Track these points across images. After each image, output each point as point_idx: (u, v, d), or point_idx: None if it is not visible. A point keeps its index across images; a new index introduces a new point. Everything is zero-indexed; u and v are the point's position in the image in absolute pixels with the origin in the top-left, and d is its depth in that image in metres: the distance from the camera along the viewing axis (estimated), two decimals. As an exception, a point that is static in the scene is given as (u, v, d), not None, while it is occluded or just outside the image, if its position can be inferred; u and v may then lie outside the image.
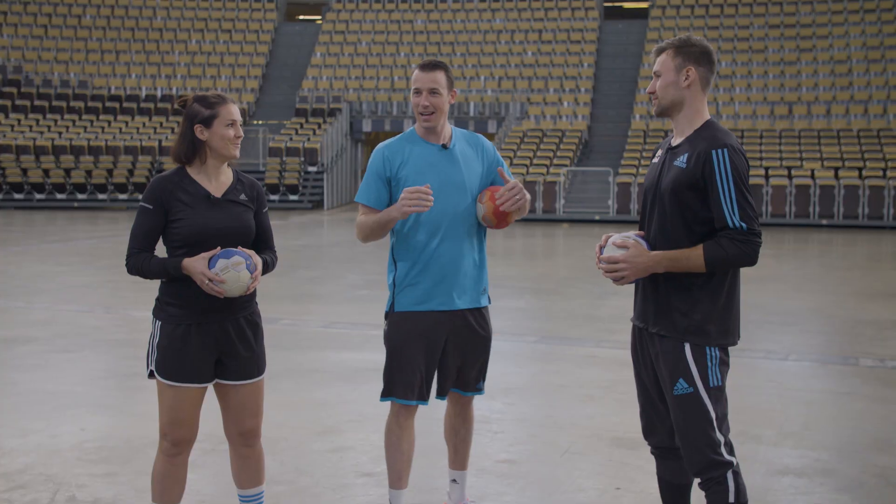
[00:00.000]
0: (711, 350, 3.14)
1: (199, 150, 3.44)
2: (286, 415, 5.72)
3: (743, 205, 3.05)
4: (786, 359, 7.57)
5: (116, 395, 6.33)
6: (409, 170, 3.77)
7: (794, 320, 9.38)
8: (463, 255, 3.79)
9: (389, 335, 3.84)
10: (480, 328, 3.87)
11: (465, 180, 3.81)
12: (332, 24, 33.53)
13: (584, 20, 32.18)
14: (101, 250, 16.10)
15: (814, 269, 14.63)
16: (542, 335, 8.48)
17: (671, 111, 3.24)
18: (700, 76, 3.19)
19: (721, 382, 3.15)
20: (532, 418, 5.82)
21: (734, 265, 3.10)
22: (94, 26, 33.44)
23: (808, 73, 28.46)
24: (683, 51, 3.20)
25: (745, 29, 30.55)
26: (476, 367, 3.91)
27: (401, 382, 3.79)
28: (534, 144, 26.30)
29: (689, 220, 3.13)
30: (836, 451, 5.15)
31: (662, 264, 3.12)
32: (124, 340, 8.20)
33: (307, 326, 8.75)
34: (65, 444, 5.16)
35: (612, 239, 3.24)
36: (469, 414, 4.01)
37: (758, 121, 26.65)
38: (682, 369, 3.13)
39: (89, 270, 13.17)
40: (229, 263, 3.31)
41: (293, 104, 30.51)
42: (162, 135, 28.65)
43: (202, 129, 3.42)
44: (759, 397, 6.30)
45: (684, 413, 3.14)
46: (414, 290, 3.78)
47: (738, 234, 3.06)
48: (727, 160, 3.06)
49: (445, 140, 3.84)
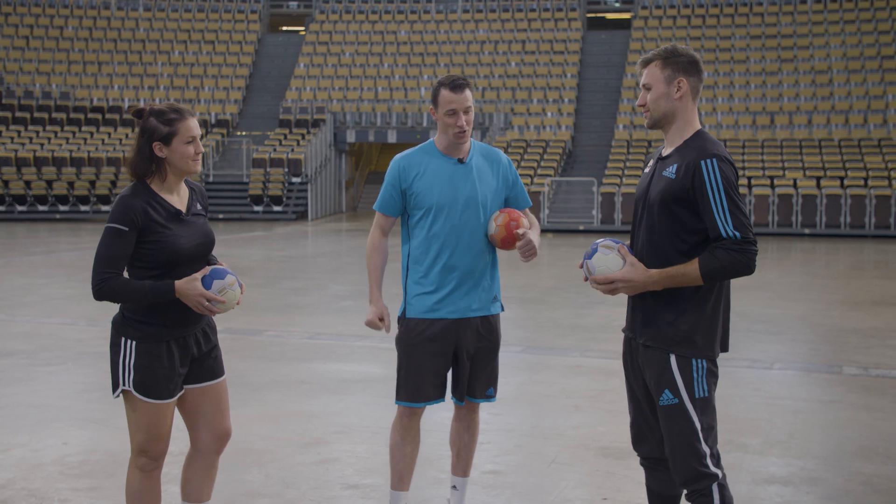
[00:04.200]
0: (698, 361, 3.12)
1: (159, 167, 3.35)
2: (271, 427, 5.68)
3: (736, 213, 3.03)
4: (771, 367, 7.59)
5: (100, 409, 6.27)
6: (424, 182, 3.85)
7: (778, 329, 9.41)
8: (475, 266, 3.87)
9: (400, 340, 3.93)
10: (490, 334, 3.94)
11: (479, 195, 3.87)
12: (316, 34, 33.54)
13: (567, 31, 32.33)
14: (85, 262, 15.99)
15: (797, 278, 14.70)
16: (527, 345, 8.48)
17: (663, 123, 3.22)
18: (691, 87, 3.18)
19: (707, 394, 3.13)
20: (518, 428, 5.80)
21: (732, 275, 3.07)
22: (76, 37, 33.32)
23: (789, 84, 28.67)
24: (672, 62, 3.18)
25: (726, 39, 30.76)
26: (486, 371, 3.96)
27: (406, 385, 3.88)
28: (518, 154, 26.35)
29: (678, 230, 3.12)
30: (822, 459, 5.16)
31: (661, 283, 3.10)
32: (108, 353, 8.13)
33: (292, 338, 8.71)
34: (47, 458, 5.11)
35: (600, 243, 3.22)
36: (474, 420, 4.06)
37: (740, 131, 26.81)
38: (667, 380, 3.12)
39: (72, 283, 13.08)
40: (225, 284, 3.31)
41: (277, 115, 30.47)
42: (145, 146, 28.53)
43: (161, 146, 3.32)
44: (744, 406, 6.30)
45: (670, 423, 3.14)
46: (427, 297, 3.86)
47: (732, 244, 3.03)
48: (717, 170, 3.04)
49: (463, 154, 3.91)
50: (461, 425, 4.05)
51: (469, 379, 3.93)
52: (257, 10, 34.65)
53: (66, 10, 34.01)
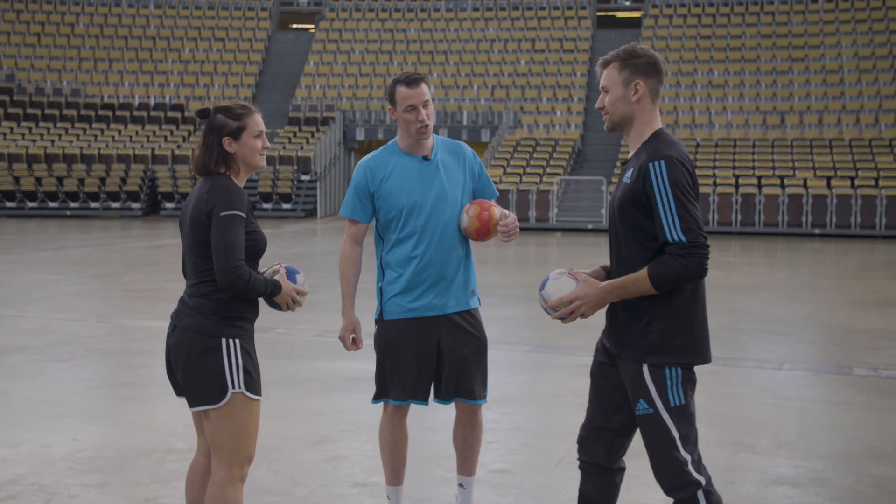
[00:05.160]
0: (672, 370, 3.05)
1: (229, 163, 3.38)
2: (280, 424, 5.70)
3: (683, 216, 2.96)
4: (780, 368, 7.57)
5: (109, 405, 6.30)
6: (392, 184, 3.85)
7: (787, 329, 9.38)
8: (449, 261, 3.87)
9: (379, 341, 3.95)
10: (472, 328, 3.93)
11: (448, 191, 3.87)
12: (326, 32, 33.56)
13: (577, 29, 32.28)
14: (94, 259, 16.05)
15: (807, 278, 14.66)
16: (535, 344, 8.48)
17: (622, 126, 3.19)
18: (649, 88, 3.13)
19: (684, 401, 3.06)
20: (526, 427, 5.80)
21: (682, 281, 3.00)
22: (87, 34, 33.42)
23: (800, 83, 28.57)
24: (630, 64, 3.12)
25: (737, 38, 30.68)
26: (478, 371, 3.96)
27: (393, 384, 3.90)
28: (527, 153, 26.34)
29: (639, 236, 3.07)
30: (831, 460, 5.15)
31: (614, 293, 3.06)
32: (117, 350, 8.17)
33: (301, 336, 8.73)
34: (57, 453, 5.13)
35: (550, 273, 3.20)
36: (477, 422, 4.06)
37: (750, 130, 26.73)
38: (641, 390, 3.07)
39: (82, 279, 13.13)
40: (303, 278, 3.48)
41: (286, 113, 30.51)
42: (155, 143, 28.62)
43: (230, 141, 3.37)
44: (753, 407, 6.30)
45: (647, 433, 3.10)
46: (403, 297, 3.86)
47: (679, 249, 2.97)
48: (664, 172, 2.99)
49: (427, 151, 3.90)
50: (465, 429, 4.04)
51: (463, 379, 3.92)
52: (267, 8, 34.70)
53: (77, 7, 34.11)
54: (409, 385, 3.88)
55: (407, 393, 3.89)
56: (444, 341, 3.87)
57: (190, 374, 3.29)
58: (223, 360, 3.26)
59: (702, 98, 28.50)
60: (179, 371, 3.34)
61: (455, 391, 3.94)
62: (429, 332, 3.86)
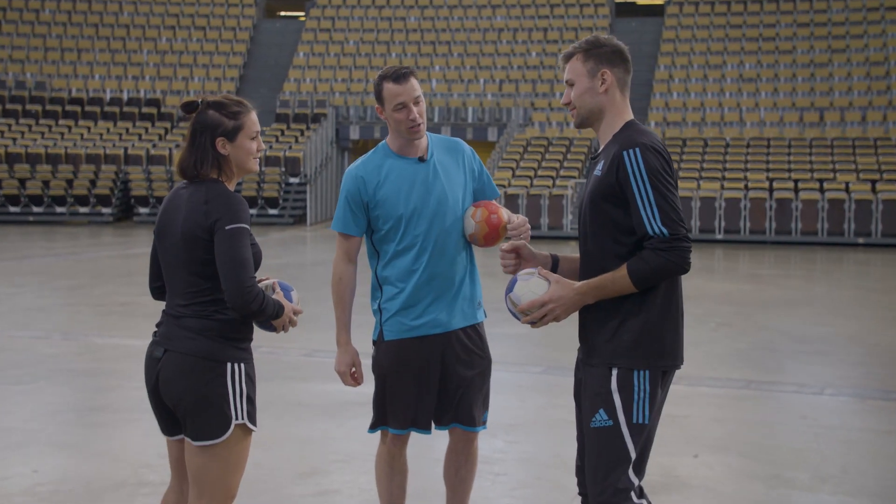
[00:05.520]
0: (640, 378, 3.09)
1: (223, 166, 3.32)
2: (265, 454, 5.66)
3: (663, 207, 3.04)
4: (821, 393, 7.54)
5: (75, 433, 6.27)
6: (388, 190, 3.83)
7: (828, 349, 9.35)
8: (454, 272, 3.86)
9: (379, 364, 3.92)
10: (477, 348, 3.92)
11: (448, 193, 3.86)
12: (317, 20, 33.65)
13: (593, 17, 32.34)
14: (60, 269, 16.04)
15: (849, 292, 14.62)
16: (547, 365, 8.45)
17: (592, 121, 3.25)
18: (617, 78, 3.21)
19: (646, 420, 3.10)
20: (538, 458, 5.77)
21: (664, 277, 3.08)
22: (53, 21, 33.53)
23: (840, 76, 28.58)
24: (594, 53, 3.22)
25: (770, 27, 30.71)
26: (480, 395, 3.94)
27: (393, 411, 3.88)
28: (538, 154, 26.35)
29: (612, 231, 3.13)
30: (879, 496, 5.11)
31: (591, 294, 3.12)
32: (85, 370, 8.14)
33: (287, 355, 8.70)
34: (15, 487, 5.09)
35: (518, 274, 3.22)
36: (473, 451, 4.02)
37: (785, 129, 26.73)
38: (603, 399, 3.11)
39: (46, 292, 13.11)
40: (297, 295, 3.47)
41: (273, 109, 30.57)
42: (128, 142, 28.66)
43: (225, 142, 3.30)
44: (791, 436, 6.26)
45: (597, 448, 3.11)
46: (405, 314, 3.84)
47: (660, 243, 3.04)
48: (640, 159, 3.06)
49: (422, 151, 3.88)
50: (459, 458, 4.00)
51: (463, 404, 3.89)
52: (252, -7, 34.82)
53: (43, -8, 34.25)
54: (410, 411, 3.86)
55: (408, 420, 3.87)
56: (448, 361, 3.86)
57: (192, 406, 3.23)
58: (227, 387, 3.24)
59: (732, 93, 28.53)
60: (175, 402, 3.26)
61: (454, 416, 3.91)
62: (433, 352, 3.84)
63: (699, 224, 22.60)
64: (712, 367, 8.25)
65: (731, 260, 19.29)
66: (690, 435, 6.22)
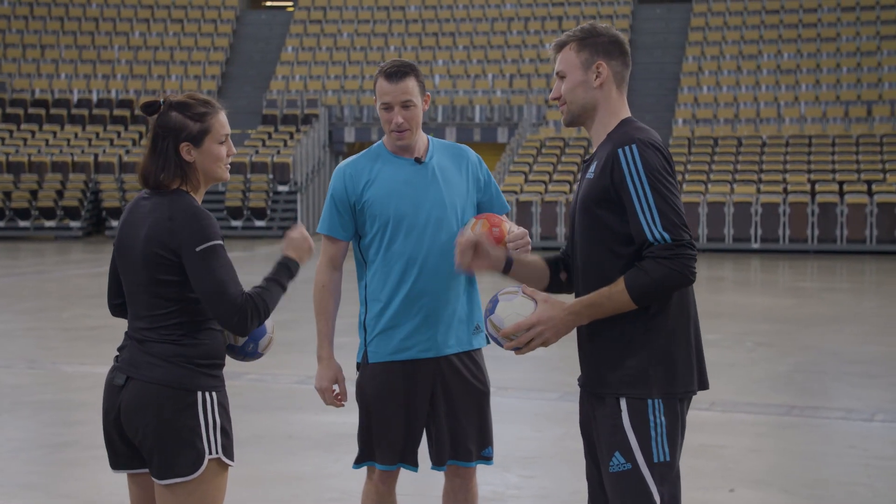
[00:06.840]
0: (655, 409, 3.04)
1: (188, 175, 3.30)
2: (251, 492, 5.67)
3: (663, 209, 3.00)
4: (871, 419, 7.52)
5: (41, 472, 6.27)
6: (377, 190, 3.83)
7: (879, 371, 9.33)
8: (448, 288, 3.84)
9: (363, 390, 3.91)
10: (473, 378, 3.91)
11: (446, 201, 3.85)
12: (307, 11, 33.72)
13: (613, 5, 32.39)
14: (23, 290, 16.06)
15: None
16: (565, 391, 8.43)
17: (583, 118, 3.23)
18: (613, 71, 3.19)
19: (669, 458, 3.05)
20: (556, 495, 5.77)
21: (667, 290, 3.02)
22: (13, 15, 33.64)
23: (890, 66, 28.55)
24: (589, 43, 3.19)
25: (812, 12, 30.71)
26: (474, 428, 3.91)
27: (380, 444, 3.87)
28: (553, 157, 26.37)
29: (607, 240, 3.10)
30: (936, 533, 5.10)
31: (584, 314, 3.07)
32: (52, 402, 8.14)
33: (277, 382, 8.71)
34: (-24, 532, 5.11)
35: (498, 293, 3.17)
36: (471, 490, 3.98)
37: (829, 125, 26.72)
38: (618, 439, 3.05)
39: (8, 315, 13.13)
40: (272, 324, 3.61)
41: (259, 109, 30.63)
42: (98, 148, 28.74)
43: (190, 148, 3.29)
44: (838, 468, 6.25)
45: (621, 495, 3.06)
46: (390, 335, 3.83)
47: (661, 250, 2.99)
48: (637, 157, 3.03)
49: (420, 153, 3.88)
50: (456, 498, 3.97)
51: (456, 435, 3.88)
52: (235, -18, 34.93)
53: (3, -16, 34.41)
54: (398, 445, 3.85)
55: (397, 455, 3.86)
56: (438, 390, 3.85)
57: (159, 440, 3.19)
58: (199, 418, 3.20)
59: (768, 86, 28.52)
60: (140, 436, 3.22)
61: (450, 453, 3.89)
62: (422, 379, 3.83)
63: (732, 232, 22.59)
64: (750, 392, 8.24)
65: (770, 272, 19.27)
66: (726, 467, 6.21)
